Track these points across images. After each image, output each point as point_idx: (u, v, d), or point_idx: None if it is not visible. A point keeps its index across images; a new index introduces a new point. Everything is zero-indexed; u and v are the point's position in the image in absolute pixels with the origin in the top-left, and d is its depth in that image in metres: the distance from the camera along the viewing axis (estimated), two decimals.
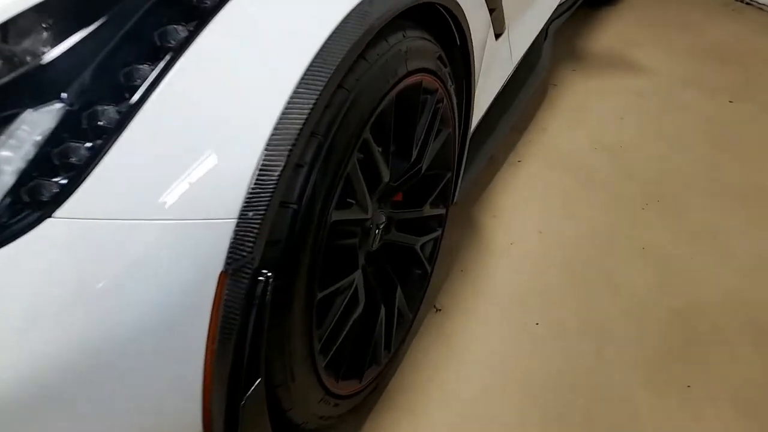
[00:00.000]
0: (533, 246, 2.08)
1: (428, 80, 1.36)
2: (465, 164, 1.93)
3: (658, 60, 3.14)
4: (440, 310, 1.84)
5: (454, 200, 1.90)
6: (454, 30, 1.48)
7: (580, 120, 2.70)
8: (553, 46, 2.79)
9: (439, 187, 1.63)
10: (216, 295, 0.91)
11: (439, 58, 1.40)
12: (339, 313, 1.27)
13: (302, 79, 0.96)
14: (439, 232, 1.72)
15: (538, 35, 2.64)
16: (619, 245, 2.09)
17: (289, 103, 0.95)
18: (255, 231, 0.94)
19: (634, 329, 1.82)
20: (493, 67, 2.02)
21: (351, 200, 1.22)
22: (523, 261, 2.02)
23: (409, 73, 1.26)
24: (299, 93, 0.96)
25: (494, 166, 2.42)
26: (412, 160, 1.40)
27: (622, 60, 3.16)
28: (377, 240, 1.44)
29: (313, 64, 0.98)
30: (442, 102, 1.48)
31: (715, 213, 2.24)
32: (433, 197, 1.61)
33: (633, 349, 1.76)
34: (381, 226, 1.45)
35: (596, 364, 1.72)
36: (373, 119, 1.15)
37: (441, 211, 1.70)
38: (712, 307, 1.90)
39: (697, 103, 2.85)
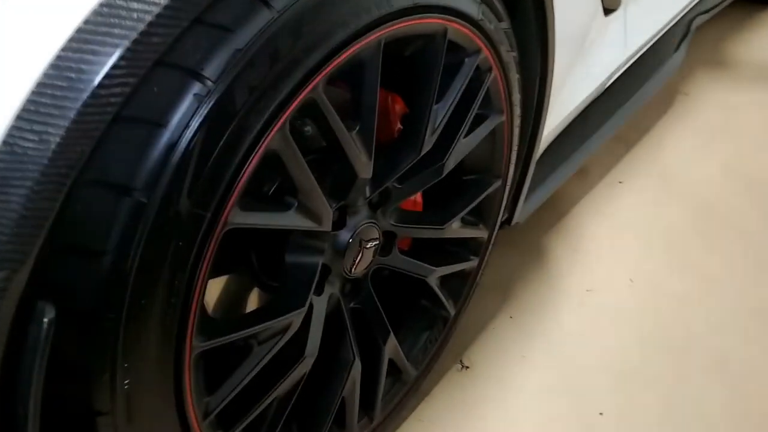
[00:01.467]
0: (618, 299, 1.50)
1: (460, 31, 0.86)
2: (534, 173, 1.40)
3: None
4: (467, 367, 1.32)
5: (513, 221, 1.37)
6: None
7: (713, 140, 2.05)
8: (691, 46, 2.16)
9: (478, 199, 1.11)
10: None
11: (487, 2, 0.89)
12: (260, 370, 0.80)
13: None
14: (474, 263, 1.20)
15: (672, 26, 2.03)
16: (741, 316, 1.47)
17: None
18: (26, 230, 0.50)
19: None
20: (596, 49, 1.47)
21: (291, 198, 0.75)
22: (600, 318, 1.45)
23: (419, 9, 0.77)
24: None
25: (584, 184, 1.85)
26: (421, 150, 0.90)
27: None
28: (361, 264, 0.95)
29: None
30: (489, 73, 0.96)
31: None
32: (464, 212, 1.09)
33: None
34: (372, 245, 0.96)
35: None
36: (331, 69, 0.68)
37: (480, 233, 1.19)
38: None
39: None
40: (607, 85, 1.70)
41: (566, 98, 1.42)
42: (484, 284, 1.46)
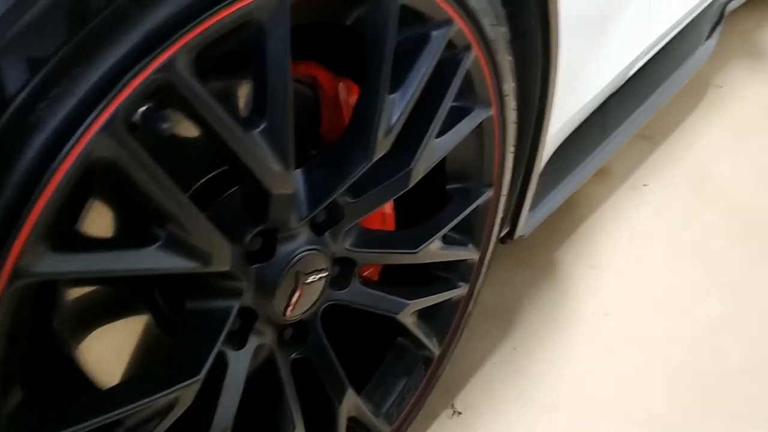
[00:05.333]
0: (641, 325, 1.22)
1: None
2: (542, 178, 1.13)
3: None
4: (459, 413, 1.06)
5: (516, 235, 1.10)
6: None
7: (748, 139, 1.74)
8: (723, 34, 1.86)
9: (464, 213, 0.85)
10: None
11: None
12: None
13: None
14: (463, 290, 0.94)
15: (704, 10, 1.73)
16: None
17: None
18: None
19: None
20: (615, 30, 1.19)
21: (159, 229, 0.50)
22: (619, 350, 1.17)
23: None
24: None
25: (604, 186, 1.56)
26: (372, 155, 0.64)
27: None
28: (302, 304, 0.69)
29: None
30: (467, 52, 0.70)
31: None
32: (446, 230, 0.83)
33: None
34: (317, 278, 0.70)
35: None
36: (194, 35, 0.42)
37: (469, 254, 0.92)
38: None
39: None
40: (630, 74, 1.41)
41: (579, 88, 1.14)
42: (483, 310, 1.20)
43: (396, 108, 0.64)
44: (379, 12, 0.57)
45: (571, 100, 1.10)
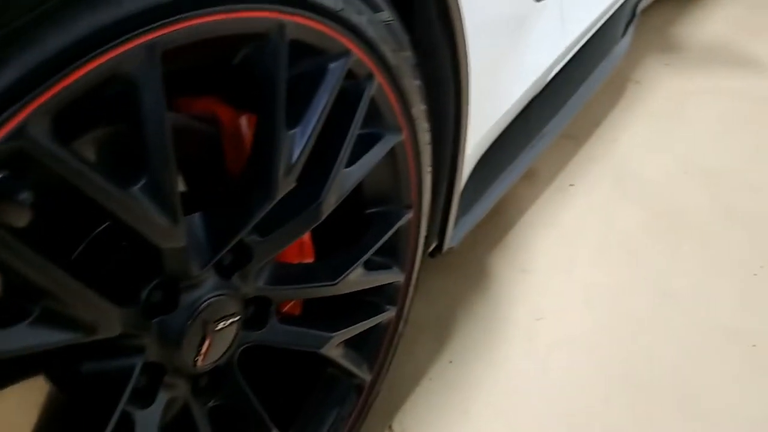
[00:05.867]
0: (572, 327, 1.23)
1: (310, 27, 0.57)
2: (468, 186, 1.13)
3: None
4: None
5: (444, 248, 1.10)
6: None
7: (668, 132, 1.79)
8: (637, 30, 1.90)
9: (384, 238, 0.83)
10: None
11: None
12: None
13: None
14: (390, 313, 0.92)
15: (616, 11, 1.77)
16: (710, 337, 1.21)
17: None
18: None
19: None
20: (529, 40, 1.20)
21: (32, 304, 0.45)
22: (553, 353, 1.18)
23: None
24: None
25: (532, 189, 1.57)
26: (275, 194, 0.61)
27: (733, 53, 2.19)
28: (213, 352, 0.66)
29: None
30: (370, 81, 0.68)
31: None
32: (367, 256, 0.81)
33: None
34: (228, 324, 0.67)
35: None
36: (50, 95, 0.39)
37: (395, 277, 0.90)
38: None
39: None
40: (549, 79, 1.42)
41: (496, 99, 1.14)
42: (417, 323, 1.19)
43: (297, 144, 0.62)
44: (267, 50, 0.55)
45: (488, 112, 1.09)
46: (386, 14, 0.67)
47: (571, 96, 1.53)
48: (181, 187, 0.66)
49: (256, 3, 0.50)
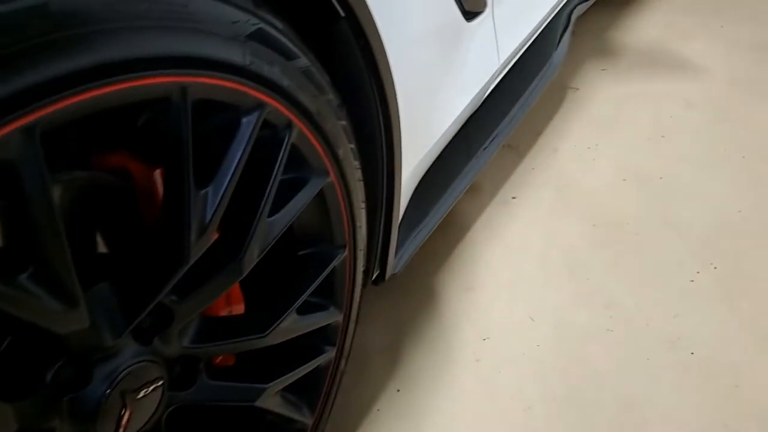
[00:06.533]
0: (518, 345, 1.23)
1: (217, 85, 0.54)
2: (409, 209, 1.11)
3: (714, 58, 2.20)
4: None
5: (386, 276, 1.07)
6: None
7: (606, 138, 1.81)
8: (574, 38, 1.92)
9: (318, 281, 0.80)
10: None
11: (261, 38, 0.58)
12: None
13: None
14: (330, 354, 0.90)
15: (552, 20, 1.78)
16: (649, 350, 1.22)
17: None
18: None
19: None
20: (464, 60, 1.18)
21: None
22: (499, 374, 1.17)
23: (99, 72, 0.44)
24: None
25: (476, 203, 1.57)
26: (188, 258, 0.58)
27: (667, 58, 2.24)
28: (137, 421, 0.62)
29: None
30: (289, 129, 0.65)
31: None
32: (300, 301, 0.78)
33: None
34: (151, 390, 0.63)
35: None
36: None
37: (332, 317, 0.88)
38: None
39: (765, 116, 1.92)
40: (486, 95, 1.42)
41: (432, 123, 1.13)
42: (364, 352, 1.17)
43: (210, 203, 0.58)
44: (169, 113, 0.51)
45: (423, 139, 1.08)
46: (302, 61, 0.64)
47: (510, 108, 1.53)
48: (101, 247, 0.62)
49: (153, 69, 0.47)
